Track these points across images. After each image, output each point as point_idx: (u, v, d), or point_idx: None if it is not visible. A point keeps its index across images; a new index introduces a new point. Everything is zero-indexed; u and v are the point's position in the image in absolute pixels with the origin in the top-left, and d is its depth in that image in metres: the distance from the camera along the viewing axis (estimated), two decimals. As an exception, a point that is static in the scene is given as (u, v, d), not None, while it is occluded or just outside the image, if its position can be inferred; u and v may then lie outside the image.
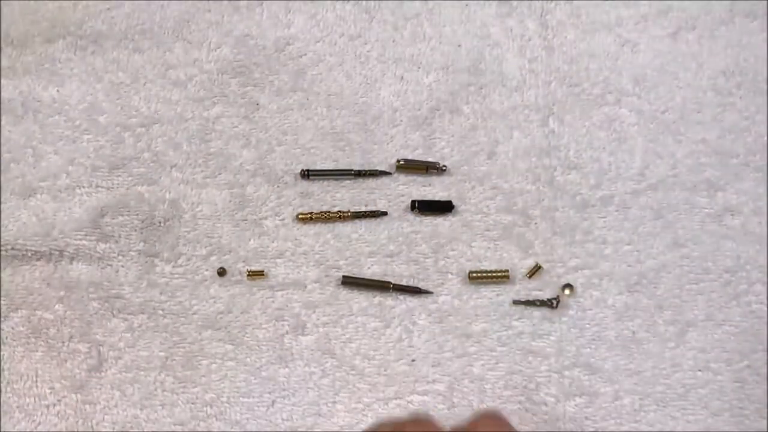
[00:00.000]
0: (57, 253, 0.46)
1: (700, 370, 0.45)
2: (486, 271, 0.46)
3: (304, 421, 0.44)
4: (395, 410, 0.44)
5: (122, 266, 0.46)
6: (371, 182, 0.48)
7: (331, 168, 0.48)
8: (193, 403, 0.45)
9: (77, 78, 0.49)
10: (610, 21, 0.51)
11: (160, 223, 0.47)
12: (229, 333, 0.46)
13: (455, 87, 0.50)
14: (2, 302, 0.46)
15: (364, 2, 0.52)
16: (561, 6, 0.51)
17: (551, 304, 0.46)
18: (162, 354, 0.45)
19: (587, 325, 0.46)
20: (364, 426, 0.44)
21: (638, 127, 0.49)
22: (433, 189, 0.48)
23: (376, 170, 0.48)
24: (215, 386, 0.45)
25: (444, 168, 0.48)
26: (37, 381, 0.45)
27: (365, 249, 0.47)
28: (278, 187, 0.48)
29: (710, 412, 0.44)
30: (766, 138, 0.49)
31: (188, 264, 0.47)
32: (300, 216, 0.47)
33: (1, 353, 0.46)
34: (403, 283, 0.46)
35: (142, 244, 0.47)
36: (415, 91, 0.50)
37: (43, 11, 0.50)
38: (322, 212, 0.47)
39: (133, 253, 0.47)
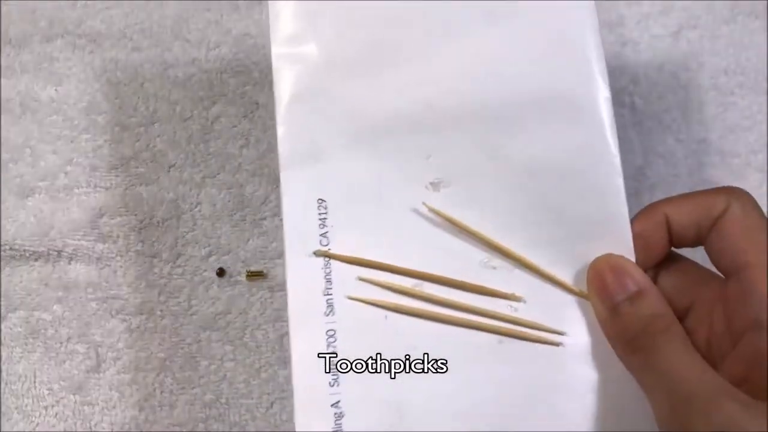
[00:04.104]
0: (55, 253, 0.46)
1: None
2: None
3: (303, 422, 0.44)
4: (395, 411, 0.44)
5: (121, 266, 0.46)
6: (371, 182, 0.48)
7: (330, 168, 0.48)
8: (192, 405, 0.45)
9: (75, 77, 0.49)
10: (611, 20, 0.51)
11: (158, 223, 0.47)
12: (228, 334, 0.45)
13: (455, 86, 0.50)
14: (0, 303, 0.46)
15: (363, 1, 0.51)
16: (562, 5, 0.51)
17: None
18: (161, 355, 0.45)
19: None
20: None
21: (638, 126, 0.49)
22: (433, 189, 0.48)
23: (376, 170, 0.48)
24: (214, 387, 0.45)
25: (444, 168, 0.48)
26: (35, 382, 0.45)
27: (365, 249, 0.47)
28: (278, 187, 0.47)
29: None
30: (767, 138, 0.49)
31: (187, 264, 0.46)
32: (299, 216, 0.47)
33: (0, 354, 0.45)
34: (403, 283, 0.46)
35: (140, 244, 0.46)
36: (415, 90, 0.50)
37: (41, 10, 0.50)
38: (321, 212, 0.47)
39: (131, 254, 0.46)
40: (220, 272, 0.46)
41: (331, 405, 0.33)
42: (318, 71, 0.35)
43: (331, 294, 0.34)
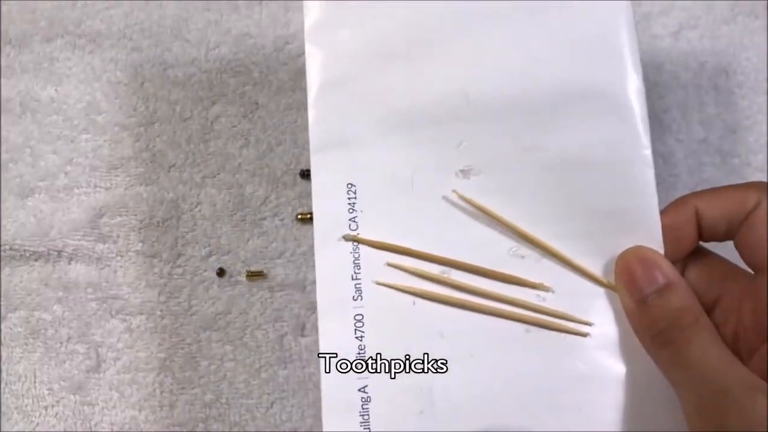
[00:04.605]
0: (55, 253, 0.46)
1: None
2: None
3: (303, 422, 0.44)
4: (395, 411, 0.44)
5: (121, 267, 0.46)
6: (371, 182, 0.48)
7: (330, 168, 0.48)
8: (192, 405, 0.45)
9: (75, 77, 0.49)
10: (611, 20, 0.51)
11: (158, 223, 0.47)
12: (228, 334, 0.45)
13: (455, 86, 0.50)
14: (0, 303, 0.46)
15: (363, 1, 0.51)
16: (562, 5, 0.51)
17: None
18: (161, 355, 0.45)
19: (588, 326, 0.45)
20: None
21: (639, 126, 0.49)
22: (433, 189, 0.48)
23: (376, 170, 0.48)
24: (214, 387, 0.45)
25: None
26: (35, 382, 0.45)
27: (365, 249, 0.47)
28: (278, 187, 0.47)
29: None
30: (767, 138, 0.49)
31: (187, 264, 0.46)
32: (300, 216, 0.47)
33: (0, 354, 0.45)
34: (403, 283, 0.46)
35: (140, 244, 0.46)
36: (415, 90, 0.49)
37: (41, 10, 0.50)
38: (321, 212, 0.47)
39: (131, 254, 0.46)
40: (220, 272, 0.46)
41: (358, 390, 0.33)
42: (350, 56, 0.35)
43: (359, 279, 0.34)
